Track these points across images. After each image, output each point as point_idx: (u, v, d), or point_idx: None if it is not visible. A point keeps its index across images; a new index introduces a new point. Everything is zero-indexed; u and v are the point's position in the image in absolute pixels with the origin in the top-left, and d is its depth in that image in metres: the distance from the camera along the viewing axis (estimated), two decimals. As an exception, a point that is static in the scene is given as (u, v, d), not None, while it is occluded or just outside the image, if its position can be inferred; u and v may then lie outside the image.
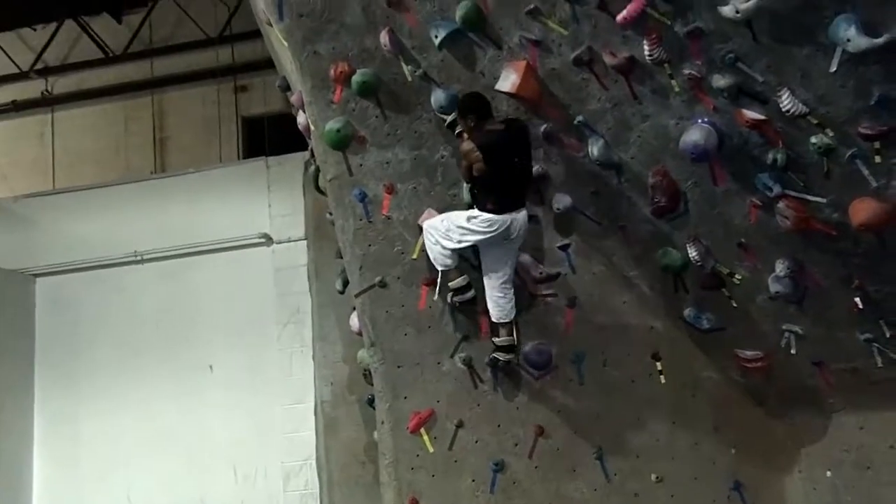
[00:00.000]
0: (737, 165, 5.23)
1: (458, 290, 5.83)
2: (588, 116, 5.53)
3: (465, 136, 5.50)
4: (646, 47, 5.00)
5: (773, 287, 5.51)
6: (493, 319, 5.76)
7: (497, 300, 5.70)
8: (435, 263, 5.78)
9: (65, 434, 9.60)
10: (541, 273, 5.97)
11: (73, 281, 9.68)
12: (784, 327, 5.79)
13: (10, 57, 13.20)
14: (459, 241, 5.59)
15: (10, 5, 12.36)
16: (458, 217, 5.59)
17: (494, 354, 5.84)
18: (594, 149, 5.58)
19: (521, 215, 5.52)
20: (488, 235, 5.49)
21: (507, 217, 5.44)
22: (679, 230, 5.70)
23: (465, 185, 5.78)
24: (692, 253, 5.65)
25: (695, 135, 5.12)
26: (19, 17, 13.00)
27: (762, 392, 6.17)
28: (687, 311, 5.99)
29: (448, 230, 5.61)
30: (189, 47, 12.88)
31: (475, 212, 5.51)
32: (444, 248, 5.67)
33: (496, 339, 5.81)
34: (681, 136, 5.21)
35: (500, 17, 5.44)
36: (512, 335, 5.78)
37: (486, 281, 5.72)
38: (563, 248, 5.97)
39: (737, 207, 5.41)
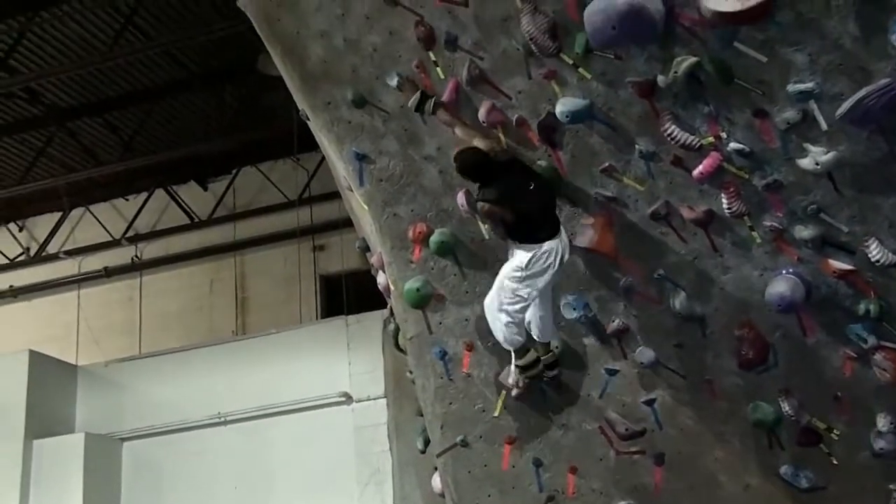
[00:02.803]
0: (827, 316, 5.10)
1: (550, 365, 5.63)
2: (668, 270, 5.49)
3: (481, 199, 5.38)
4: (724, 201, 5.01)
5: (877, 443, 5.24)
6: (539, 339, 5.57)
7: (542, 318, 5.53)
8: (506, 345, 5.56)
9: None
10: (626, 429, 5.79)
11: (158, 444, 9.82)
12: (891, 486, 5.46)
13: (103, 225, 13.90)
14: (528, 296, 5.32)
15: (104, 179, 13.17)
16: (509, 276, 5.33)
17: (526, 375, 5.61)
18: (676, 302, 5.52)
19: (564, 236, 5.34)
20: (552, 268, 5.26)
21: (555, 241, 5.25)
22: (769, 383, 5.51)
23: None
24: (785, 407, 5.44)
25: (780, 286, 5.03)
26: (114, 190, 13.81)
27: (870, 555, 5.76)
28: (783, 469, 5.69)
29: (508, 298, 5.35)
30: (270, 210, 13.42)
31: (523, 256, 5.26)
32: (510, 317, 5.40)
33: (520, 362, 5.57)
34: (765, 287, 5.13)
35: (576, 175, 5.53)
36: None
37: (537, 316, 5.55)
38: (649, 403, 5.80)
39: (830, 359, 5.23)
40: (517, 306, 5.37)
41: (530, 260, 5.22)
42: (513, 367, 5.67)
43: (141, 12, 10.14)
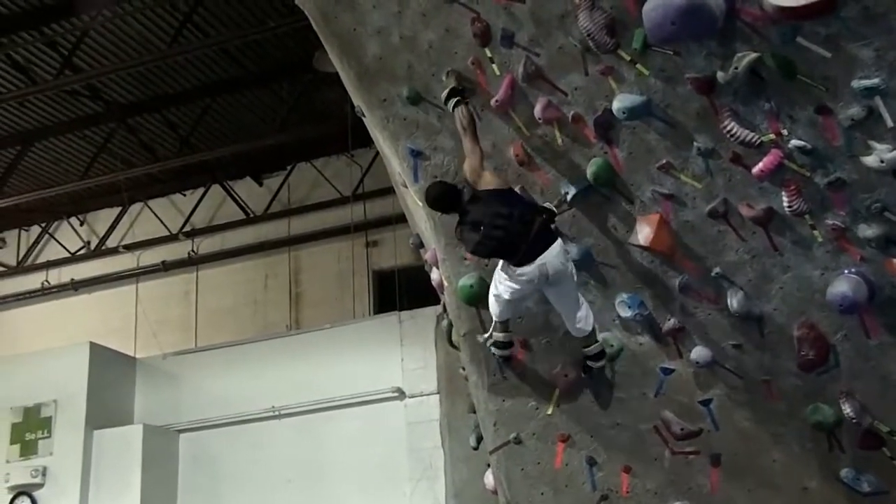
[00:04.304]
0: (891, 317, 4.99)
1: (499, 344, 5.73)
2: (726, 268, 5.42)
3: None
4: (784, 199, 4.93)
5: (944, 449, 5.11)
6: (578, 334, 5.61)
7: (565, 317, 5.57)
8: (491, 311, 5.66)
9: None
10: (682, 429, 5.73)
11: (214, 436, 9.96)
12: (957, 491, 5.33)
13: (161, 220, 14.15)
14: (511, 295, 5.43)
15: (162, 174, 13.40)
16: (501, 268, 5.48)
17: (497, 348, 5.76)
18: (734, 301, 5.44)
19: (549, 256, 5.25)
20: (526, 287, 5.34)
21: (533, 266, 5.23)
22: (830, 385, 5.40)
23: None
24: (846, 409, 5.32)
25: (842, 286, 4.93)
26: (171, 185, 14.06)
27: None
28: (844, 472, 5.57)
29: (498, 280, 5.50)
30: (324, 206, 13.53)
31: (501, 268, 5.44)
32: (495, 296, 5.54)
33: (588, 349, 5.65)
34: (826, 287, 5.02)
35: (632, 172, 5.49)
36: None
37: (563, 316, 5.61)
38: (705, 402, 5.73)
39: (894, 361, 5.11)
40: (501, 294, 5.47)
41: (508, 274, 5.33)
42: (490, 332, 5.77)
43: (199, 10, 10.29)
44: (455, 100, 5.47)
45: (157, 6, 10.16)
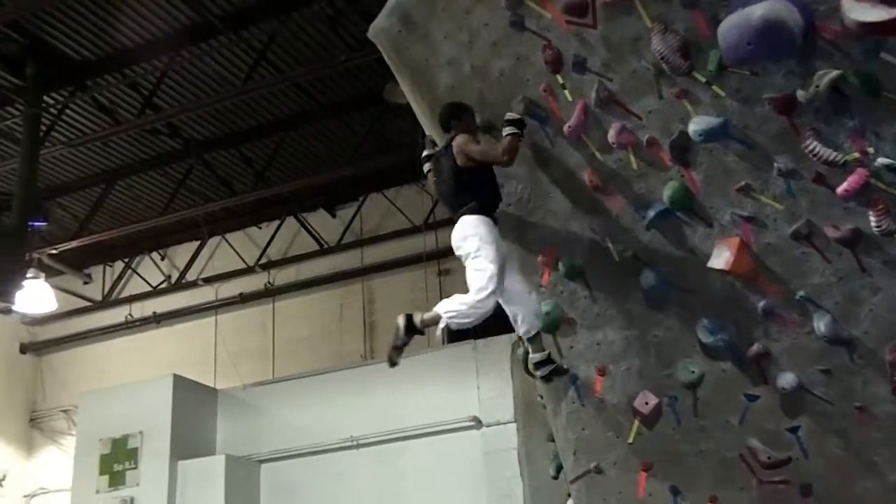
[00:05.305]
0: None
1: (540, 364, 5.79)
2: (811, 291, 5.26)
3: None
4: (872, 218, 4.78)
5: None
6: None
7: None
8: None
9: None
10: (769, 458, 5.57)
11: (294, 466, 10.03)
12: None
13: (238, 253, 14.42)
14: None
15: (239, 208, 13.69)
16: None
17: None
18: (820, 325, 5.27)
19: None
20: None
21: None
22: (927, 411, 5.20)
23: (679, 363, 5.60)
24: (944, 436, 5.12)
25: (937, 308, 4.75)
26: (247, 218, 14.35)
27: None
28: (942, 501, 5.36)
29: None
30: (396, 236, 13.61)
31: None
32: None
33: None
34: (920, 308, 4.85)
35: (710, 195, 5.39)
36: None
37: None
38: (793, 430, 5.56)
39: None
40: None
41: None
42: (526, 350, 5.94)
43: (273, 47, 10.52)
44: (512, 129, 5.43)
45: (232, 45, 10.42)
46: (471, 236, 5.52)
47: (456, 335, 12.03)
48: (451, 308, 5.52)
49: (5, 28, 9.85)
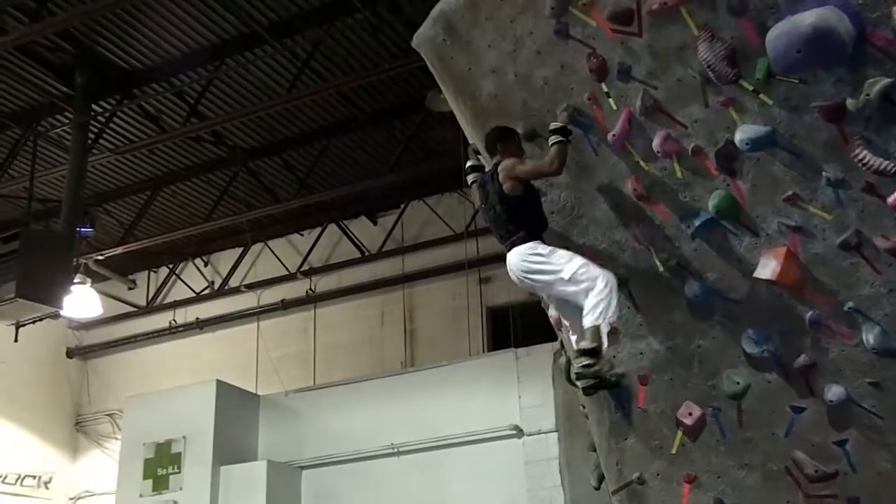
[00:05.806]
0: None
1: (581, 375, 5.49)
2: (860, 302, 5.17)
3: None
4: (923, 229, 4.69)
5: None
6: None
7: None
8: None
9: None
10: (816, 471, 5.48)
11: (335, 473, 10.06)
12: None
13: (280, 260, 14.55)
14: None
15: (282, 216, 13.81)
16: None
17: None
18: (869, 336, 5.18)
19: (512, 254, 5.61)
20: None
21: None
22: (982, 426, 5.09)
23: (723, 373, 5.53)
24: None
25: None
26: (290, 225, 14.47)
27: None
28: None
29: None
30: (437, 243, 13.63)
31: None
32: None
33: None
34: (974, 321, 4.75)
35: (757, 204, 5.33)
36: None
37: None
38: (840, 443, 5.47)
39: None
40: None
41: None
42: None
43: (317, 56, 10.61)
44: (558, 137, 5.43)
45: (276, 54, 10.53)
46: (534, 262, 5.57)
47: (496, 343, 12.07)
48: (594, 312, 5.43)
49: (56, 37, 10.05)
